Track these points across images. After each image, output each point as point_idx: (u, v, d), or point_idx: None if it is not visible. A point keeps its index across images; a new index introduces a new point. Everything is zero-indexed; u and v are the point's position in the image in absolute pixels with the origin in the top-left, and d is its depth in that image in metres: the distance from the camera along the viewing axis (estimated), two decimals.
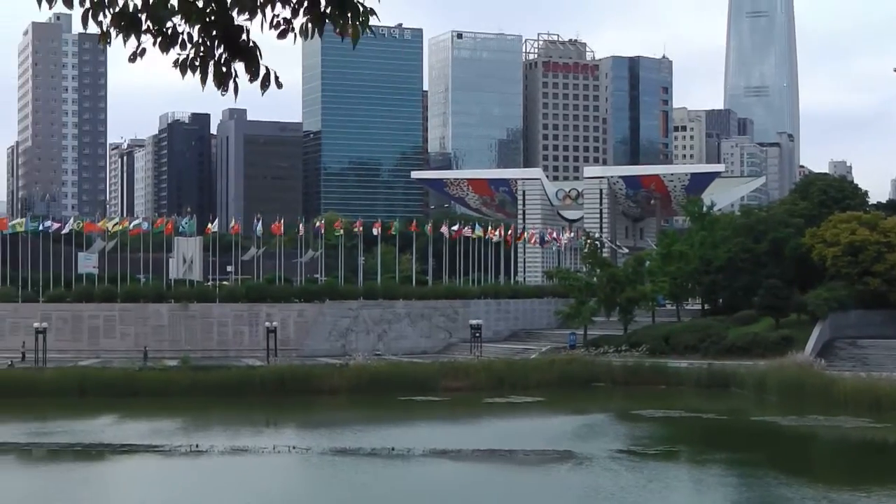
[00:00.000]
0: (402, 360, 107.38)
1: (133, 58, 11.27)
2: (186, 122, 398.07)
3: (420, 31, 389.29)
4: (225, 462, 63.71)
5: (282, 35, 11.07)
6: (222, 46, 11.03)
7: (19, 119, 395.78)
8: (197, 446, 66.50)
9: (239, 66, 11.15)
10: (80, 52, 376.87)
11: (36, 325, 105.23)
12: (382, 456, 63.55)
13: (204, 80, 11.16)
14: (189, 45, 11.02)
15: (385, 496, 54.67)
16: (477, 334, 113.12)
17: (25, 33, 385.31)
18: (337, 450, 66.10)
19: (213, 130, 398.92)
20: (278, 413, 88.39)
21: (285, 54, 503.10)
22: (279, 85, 11.45)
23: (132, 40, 11.04)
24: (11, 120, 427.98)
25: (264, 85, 11.29)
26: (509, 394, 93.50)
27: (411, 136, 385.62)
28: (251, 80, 11.23)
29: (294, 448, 66.81)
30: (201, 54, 11.06)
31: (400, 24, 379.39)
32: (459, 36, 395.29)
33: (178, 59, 11.07)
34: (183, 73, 11.12)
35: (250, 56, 11.07)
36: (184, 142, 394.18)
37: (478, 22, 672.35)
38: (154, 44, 11.06)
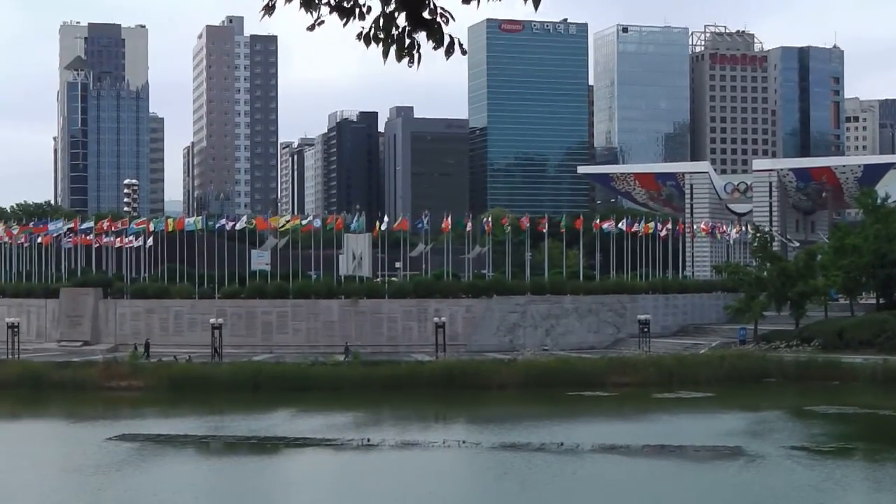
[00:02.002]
0: (569, 356, 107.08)
1: (312, 27, 11.33)
2: (355, 120, 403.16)
3: (585, 25, 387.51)
4: (395, 456, 64.44)
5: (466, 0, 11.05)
6: (403, 16, 11.04)
7: (194, 120, 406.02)
8: (368, 440, 67.40)
9: (421, 37, 11.09)
10: (251, 54, 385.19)
11: (212, 320, 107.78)
12: (551, 451, 63.62)
13: (386, 53, 11.17)
14: (370, 18, 11.03)
15: (554, 491, 54.76)
16: (645, 329, 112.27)
17: (199, 37, 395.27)
18: (506, 445, 66.38)
19: (381, 128, 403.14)
20: (447, 408, 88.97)
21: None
22: (463, 51, 11.37)
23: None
24: (187, 121, 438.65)
25: (449, 52, 11.25)
26: (678, 389, 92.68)
27: (577, 131, 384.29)
28: (435, 48, 11.15)
29: (464, 443, 67.25)
30: (383, 26, 11.08)
31: (565, 20, 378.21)
32: (625, 30, 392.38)
33: (360, 31, 11.10)
34: (367, 44, 11.14)
35: (432, 25, 11.05)
36: (352, 140, 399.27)
37: (643, 15, 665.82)
38: (330, 12, 11.09)
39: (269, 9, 10.97)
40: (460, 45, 11.19)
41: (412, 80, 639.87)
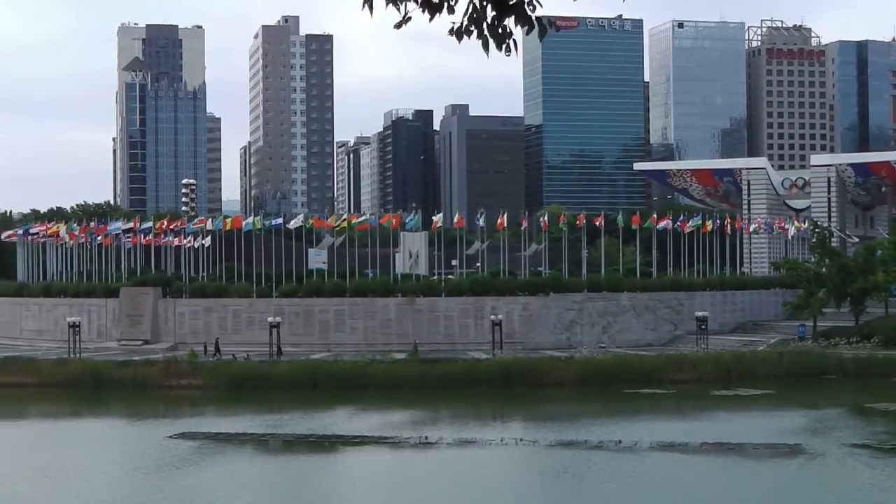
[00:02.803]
0: (626, 353, 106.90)
1: (399, 25, 11.40)
2: (410, 118, 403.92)
3: (640, 21, 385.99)
4: (453, 454, 64.61)
5: None
6: (490, 6, 11.08)
7: (251, 120, 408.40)
8: (426, 438, 67.63)
9: (510, 22, 11.13)
10: (307, 53, 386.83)
11: (270, 319, 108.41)
12: (609, 449, 63.59)
13: (486, 45, 11.23)
14: (454, 12, 11.09)
15: (613, 489, 54.72)
16: (702, 326, 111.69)
17: (256, 36, 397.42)
18: (564, 443, 66.42)
19: (437, 126, 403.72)
20: (504, 405, 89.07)
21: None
22: (557, 28, 11.44)
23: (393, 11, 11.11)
24: (244, 121, 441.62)
25: (541, 34, 11.33)
26: (737, 386, 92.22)
27: (633, 127, 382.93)
28: (527, 33, 11.20)
29: (521, 440, 67.36)
30: (474, 17, 11.15)
31: (620, 16, 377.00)
32: (680, 25, 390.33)
33: (452, 26, 11.16)
34: (459, 38, 11.19)
35: (519, 10, 11.11)
36: (408, 138, 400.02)
37: (699, 10, 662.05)
38: (422, 9, 11.16)
39: (369, 3, 11.08)
40: (550, 23, 11.31)
41: (467, 78, 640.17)
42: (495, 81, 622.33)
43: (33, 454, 66.72)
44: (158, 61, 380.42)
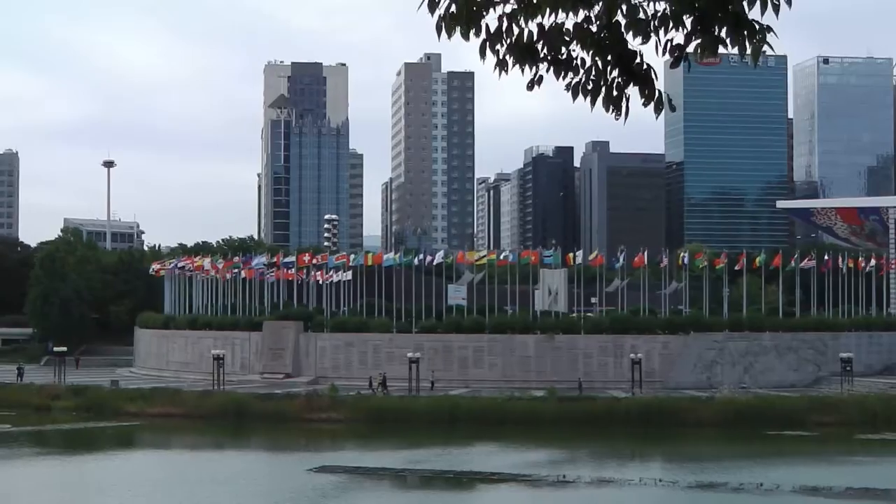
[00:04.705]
0: (769, 394, 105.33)
1: (531, 86, 11.53)
2: (550, 155, 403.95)
3: (784, 57, 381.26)
4: (591, 494, 64.34)
5: (675, 63, 11.22)
6: (616, 70, 11.23)
7: (392, 156, 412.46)
8: (564, 477, 67.45)
9: (632, 91, 11.24)
10: (449, 91, 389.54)
11: (409, 354, 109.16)
12: (750, 492, 62.71)
13: (594, 104, 11.37)
14: (582, 71, 11.25)
15: None
16: (847, 368, 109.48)
17: (398, 73, 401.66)
18: (703, 484, 65.66)
19: (577, 163, 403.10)
20: (643, 445, 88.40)
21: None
22: (672, 108, 11.51)
23: (530, 70, 11.29)
24: (385, 157, 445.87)
25: (658, 108, 11.42)
26: (883, 430, 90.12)
27: (776, 164, 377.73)
28: (645, 104, 11.21)
29: (660, 481, 66.77)
30: (593, 78, 11.30)
31: (763, 52, 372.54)
32: (826, 61, 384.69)
33: (570, 82, 11.32)
34: (574, 96, 11.30)
35: (646, 79, 11.24)
36: (548, 175, 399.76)
37: (845, 46, 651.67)
38: (547, 69, 11.35)
39: (502, 64, 11.28)
40: (669, 101, 11.31)
41: (608, 115, 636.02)
42: (636, 118, 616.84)
43: (181, 487, 68.10)
44: (303, 98, 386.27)
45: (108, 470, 76.40)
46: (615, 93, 11.17)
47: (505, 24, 10.87)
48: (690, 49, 11.12)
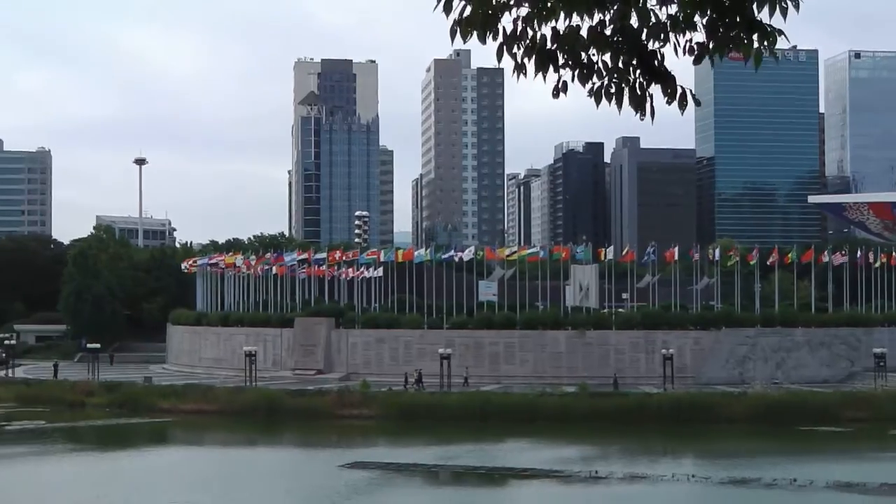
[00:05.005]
0: (801, 389, 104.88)
1: (556, 93, 11.50)
2: (580, 151, 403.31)
3: (815, 52, 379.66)
4: (623, 489, 64.25)
5: (697, 60, 11.19)
6: (638, 71, 11.21)
7: (423, 153, 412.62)
8: (596, 472, 67.43)
9: (654, 89, 11.23)
10: (478, 87, 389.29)
11: (440, 350, 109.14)
12: (783, 487, 62.55)
13: (620, 106, 11.34)
14: (604, 74, 11.23)
15: None
16: (881, 363, 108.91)
17: (428, 70, 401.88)
18: (736, 480, 65.53)
19: (607, 159, 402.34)
20: (675, 441, 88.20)
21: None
22: (697, 102, 11.47)
23: (550, 73, 11.26)
24: (416, 154, 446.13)
25: (682, 104, 11.39)
26: None
27: (807, 159, 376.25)
28: (668, 102, 11.16)
29: (693, 477, 66.68)
30: (615, 81, 11.29)
31: (794, 46, 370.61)
32: (857, 56, 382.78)
33: (592, 87, 11.30)
34: (598, 101, 11.29)
35: (667, 77, 11.23)
36: (578, 171, 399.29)
37: (877, 40, 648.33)
38: (573, 78, 11.35)
39: (520, 68, 11.28)
40: (693, 95, 11.30)
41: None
42: (666, 113, 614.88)
43: (214, 483, 68.44)
44: (333, 95, 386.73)
45: (141, 466, 76.88)
46: (638, 93, 11.16)
47: (520, 28, 10.88)
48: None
